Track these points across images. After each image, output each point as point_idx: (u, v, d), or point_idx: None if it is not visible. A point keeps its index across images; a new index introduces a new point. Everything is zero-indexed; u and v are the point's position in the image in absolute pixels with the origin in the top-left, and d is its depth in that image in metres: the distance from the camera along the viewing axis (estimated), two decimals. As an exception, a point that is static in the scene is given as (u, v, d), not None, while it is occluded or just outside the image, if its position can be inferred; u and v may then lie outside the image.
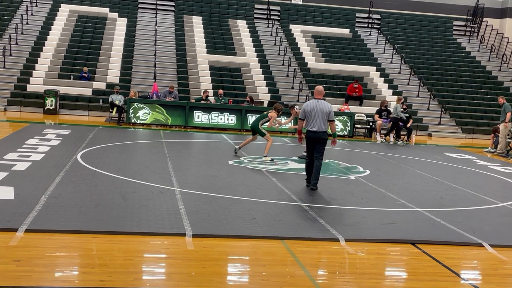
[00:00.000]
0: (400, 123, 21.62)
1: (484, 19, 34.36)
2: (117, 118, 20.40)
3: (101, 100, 23.14)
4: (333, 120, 10.29)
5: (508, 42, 32.42)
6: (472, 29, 34.75)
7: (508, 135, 20.18)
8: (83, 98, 23.28)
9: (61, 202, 7.96)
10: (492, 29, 33.57)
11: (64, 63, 25.56)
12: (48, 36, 27.30)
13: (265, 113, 14.15)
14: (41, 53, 25.92)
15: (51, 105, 22.07)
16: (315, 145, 10.23)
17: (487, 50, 33.08)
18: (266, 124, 13.99)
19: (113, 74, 25.08)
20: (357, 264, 6.43)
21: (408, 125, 21.61)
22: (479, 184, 12.52)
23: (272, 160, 13.28)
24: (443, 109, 26.00)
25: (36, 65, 25.03)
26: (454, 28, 34.65)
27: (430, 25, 34.31)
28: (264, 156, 13.47)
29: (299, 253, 6.58)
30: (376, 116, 21.65)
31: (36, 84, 23.77)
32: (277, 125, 14.40)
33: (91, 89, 23.89)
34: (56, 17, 29.02)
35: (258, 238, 6.98)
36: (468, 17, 34.75)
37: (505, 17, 34.31)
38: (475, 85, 28.95)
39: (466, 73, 29.93)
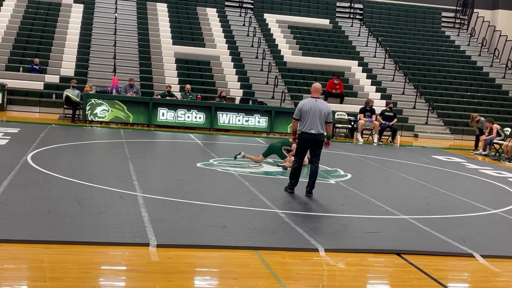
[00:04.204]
0: (385, 122, 21.85)
1: (475, 10, 34.87)
2: (71, 116, 20.18)
3: (54, 95, 22.88)
4: (331, 122, 10.38)
5: (500, 35, 32.95)
6: (462, 21, 35.25)
7: (500, 135, 20.52)
8: (34, 93, 22.98)
9: (9, 209, 7.84)
10: (483, 21, 34.09)
11: (13, 53, 25.19)
12: (-6, 23, 26.91)
13: (290, 140, 13.91)
14: (-14, 42, 25.54)
15: (-2, 100, 21.75)
16: (310, 148, 10.28)
17: (477, 44, 33.59)
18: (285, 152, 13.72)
19: (68, 67, 24.81)
20: (338, 277, 6.47)
21: (392, 123, 21.85)
22: (470, 189, 12.69)
23: (284, 168, 13.11)
24: (430, 108, 26.32)
25: (-20, 55, 24.66)
26: (443, 19, 35.10)
27: (416, 16, 34.71)
28: (278, 164, 13.40)
29: (274, 264, 6.59)
30: (361, 116, 21.83)
31: (-20, 76, 23.41)
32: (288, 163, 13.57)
33: (43, 82, 23.60)
34: (3, 2, 28.57)
35: (230, 248, 6.98)
36: (457, 8, 35.25)
37: (497, 8, 34.88)
38: (465, 82, 29.37)
39: (455, 69, 30.35)
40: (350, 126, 22.60)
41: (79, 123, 19.91)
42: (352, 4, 34.08)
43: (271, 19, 31.79)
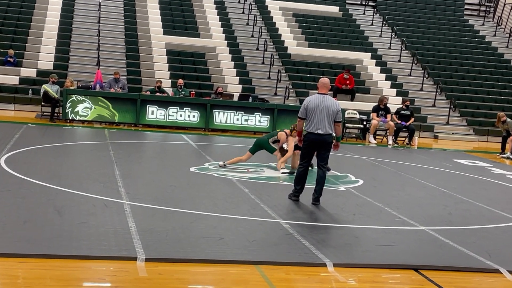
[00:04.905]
0: (401, 122, 21.83)
1: (502, -4, 34.91)
2: (49, 114, 20.18)
3: (30, 91, 22.88)
4: (341, 121, 10.42)
5: (530, 25, 32.99)
6: (487, 9, 35.26)
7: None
8: (8, 89, 22.98)
9: (-20, 218, 7.85)
10: (511, 9, 34.09)
11: (-16, 44, 25.25)
12: (-36, 10, 26.94)
13: (278, 131, 13.94)
14: (-46, 31, 25.59)
15: (-33, 97, 21.79)
16: (316, 150, 10.30)
17: (505, 35, 33.59)
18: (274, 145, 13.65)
19: (46, 59, 24.82)
20: (348, 295, 6.47)
21: (409, 123, 21.84)
22: (496, 197, 12.70)
23: (291, 173, 13.02)
24: (451, 106, 26.32)
25: None
26: (466, 7, 35.12)
27: (436, 3, 34.72)
28: (282, 172, 13.25)
29: (277, 281, 6.59)
30: (374, 115, 21.82)
31: None
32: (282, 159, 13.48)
33: (18, 77, 23.60)
34: (-26, -14, 28.63)
35: (227, 262, 6.98)
36: (482, -6, 35.29)
37: (526, -5, 34.91)
38: (491, 77, 29.34)
39: (479, 62, 30.33)
40: (362, 126, 22.59)
41: (59, 122, 19.91)
42: (365, -10, 34.11)
43: (273, 6, 31.79)
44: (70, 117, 20.23)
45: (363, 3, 33.98)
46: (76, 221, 8.07)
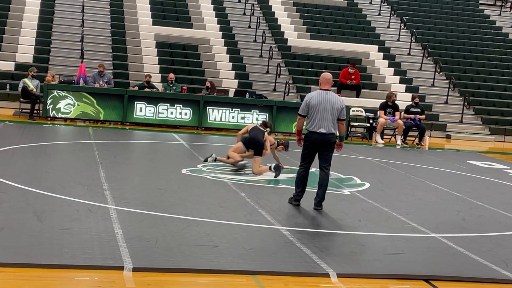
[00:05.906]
0: (410, 121, 21.84)
1: (520, -16, 34.96)
2: (29, 111, 20.16)
3: (8, 86, 22.85)
4: (345, 120, 10.45)
5: (550, 15, 33.03)
6: (504, -2, 35.28)
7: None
8: (-16, 83, 23.00)
9: (-47, 224, 7.84)
10: (530, -2, 34.17)
11: (-42, 35, 25.24)
12: None
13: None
14: None
15: None
16: (318, 151, 10.30)
17: (523, 26, 33.67)
18: None
19: (25, 51, 24.79)
20: (353, 308, 6.48)
21: (422, 117, 21.82)
22: (513, 201, 12.72)
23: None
24: (465, 103, 26.33)
25: None
26: (481, -4, 35.16)
27: (449, -9, 34.77)
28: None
29: (276, 292, 6.60)
30: (381, 113, 21.81)
31: None
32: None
33: (-6, 70, 23.64)
34: None
35: (222, 272, 6.97)
36: (499, -19, 35.35)
37: (547, -17, 34.96)
38: (508, 72, 29.33)
39: (496, 56, 30.34)
40: (368, 124, 22.60)
41: (39, 120, 19.89)
42: (371, -23, 34.12)
43: (272, -6, 31.83)
44: (51, 115, 20.20)
45: (370, -9, 34.01)
46: (58, 227, 8.06)
